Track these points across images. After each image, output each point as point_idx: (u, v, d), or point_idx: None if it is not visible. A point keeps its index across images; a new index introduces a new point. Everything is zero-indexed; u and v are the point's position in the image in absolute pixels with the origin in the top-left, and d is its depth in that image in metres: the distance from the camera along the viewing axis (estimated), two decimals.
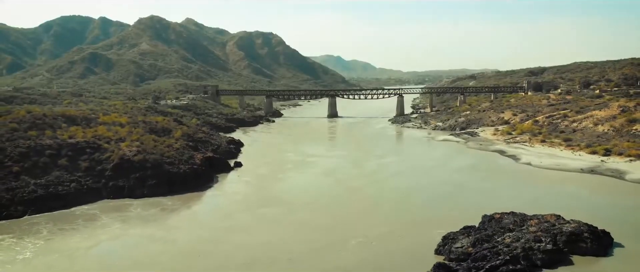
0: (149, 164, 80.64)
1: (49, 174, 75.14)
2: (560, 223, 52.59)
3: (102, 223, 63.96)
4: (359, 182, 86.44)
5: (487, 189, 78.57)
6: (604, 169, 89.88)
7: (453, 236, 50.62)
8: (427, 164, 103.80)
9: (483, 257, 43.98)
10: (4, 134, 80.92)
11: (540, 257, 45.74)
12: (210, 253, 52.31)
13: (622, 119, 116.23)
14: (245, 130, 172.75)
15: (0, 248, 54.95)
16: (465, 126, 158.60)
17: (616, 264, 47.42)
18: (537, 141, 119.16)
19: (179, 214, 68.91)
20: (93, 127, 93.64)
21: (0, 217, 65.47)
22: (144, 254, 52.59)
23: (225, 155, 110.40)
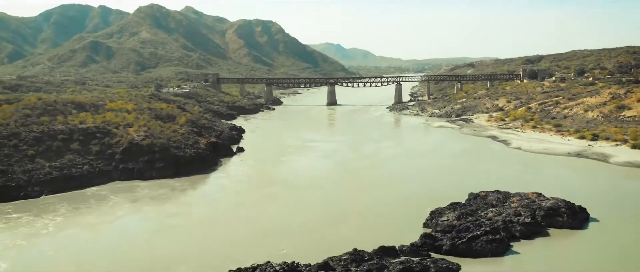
0: (156, 148, 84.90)
1: (62, 157, 79.40)
2: (540, 200, 57.03)
3: (115, 202, 68.42)
4: (357, 164, 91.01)
5: (477, 171, 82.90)
6: (590, 152, 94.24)
7: (440, 211, 55.10)
8: (422, 149, 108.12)
9: (466, 229, 48.40)
10: (17, 119, 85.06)
11: (519, 229, 50.21)
12: (225, 224, 57.28)
13: (612, 105, 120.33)
14: (246, 118, 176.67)
15: (22, 225, 59.23)
16: (460, 113, 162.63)
17: (589, 236, 51.89)
18: (528, 127, 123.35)
19: (189, 193, 73.58)
20: (101, 113, 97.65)
21: (18, 197, 69.70)
22: (163, 226, 57.45)
23: (228, 140, 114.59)
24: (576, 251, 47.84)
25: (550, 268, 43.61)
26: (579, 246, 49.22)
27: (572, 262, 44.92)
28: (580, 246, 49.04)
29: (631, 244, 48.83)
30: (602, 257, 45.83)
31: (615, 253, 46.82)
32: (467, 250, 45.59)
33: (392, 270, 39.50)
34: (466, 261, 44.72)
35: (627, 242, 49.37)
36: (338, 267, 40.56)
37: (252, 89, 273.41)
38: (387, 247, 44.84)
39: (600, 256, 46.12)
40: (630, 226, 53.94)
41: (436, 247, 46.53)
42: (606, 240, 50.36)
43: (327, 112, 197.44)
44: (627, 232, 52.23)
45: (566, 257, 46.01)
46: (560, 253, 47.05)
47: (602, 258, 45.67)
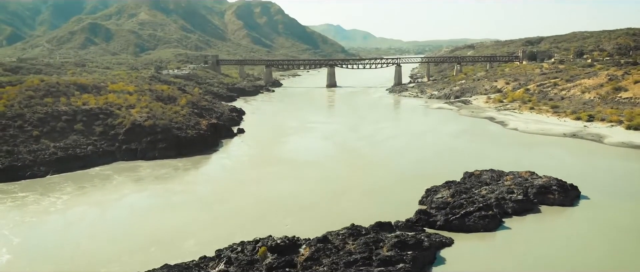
0: (158, 129, 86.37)
1: (66, 137, 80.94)
2: (533, 178, 58.73)
3: (120, 181, 70.21)
4: (356, 144, 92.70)
5: (473, 151, 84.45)
6: (585, 133, 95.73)
7: (435, 189, 56.83)
8: (420, 130, 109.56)
9: (460, 205, 50.16)
10: (21, 101, 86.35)
11: (511, 206, 51.97)
12: (228, 201, 59.31)
13: (609, 87, 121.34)
14: (246, 100, 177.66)
15: (29, 203, 60.88)
16: (459, 95, 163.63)
17: (579, 212, 53.68)
18: (526, 108, 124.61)
19: (192, 172, 75.44)
20: (103, 94, 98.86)
21: (24, 177, 71.36)
22: (169, 202, 59.48)
23: (229, 122, 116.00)
24: (565, 226, 49.57)
25: (540, 242, 45.37)
26: (569, 222, 50.97)
27: (561, 237, 46.65)
28: (570, 222, 50.78)
29: (619, 221, 50.42)
30: (590, 233, 47.55)
31: (603, 229, 48.50)
32: (460, 225, 47.40)
33: (387, 243, 41.30)
34: (459, 235, 46.55)
35: (615, 219, 50.99)
36: (336, 240, 42.34)
37: (252, 71, 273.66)
38: (383, 223, 46.57)
39: (588, 232, 47.84)
40: (619, 204, 55.53)
41: (430, 222, 48.33)
42: (595, 217, 52.03)
43: (326, 94, 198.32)
44: (616, 209, 53.85)
45: (556, 233, 47.75)
46: (550, 229, 48.85)
47: (591, 234, 47.38)
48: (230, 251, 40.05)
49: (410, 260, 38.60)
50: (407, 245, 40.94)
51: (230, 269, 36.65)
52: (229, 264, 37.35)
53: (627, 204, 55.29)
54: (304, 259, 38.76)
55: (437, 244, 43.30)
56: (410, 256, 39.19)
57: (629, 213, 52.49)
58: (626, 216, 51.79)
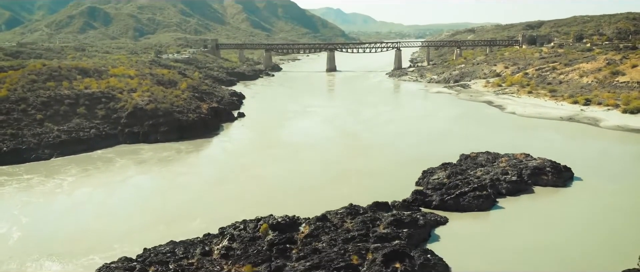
0: (160, 113, 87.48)
1: (69, 121, 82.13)
2: (527, 160, 60.08)
3: (124, 163, 71.61)
4: (355, 128, 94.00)
5: (471, 134, 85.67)
6: (581, 117, 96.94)
7: (431, 171, 58.24)
8: (419, 114, 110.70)
9: (455, 186, 51.58)
10: (25, 85, 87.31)
11: (505, 186, 53.41)
12: (231, 182, 60.91)
13: (607, 71, 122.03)
14: (246, 84, 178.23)
15: (35, 185, 62.23)
16: (458, 79, 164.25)
17: (571, 193, 55.17)
18: (524, 92, 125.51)
19: (194, 155, 76.93)
20: (105, 78, 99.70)
21: (29, 159, 72.67)
22: (175, 184, 61.11)
23: (229, 106, 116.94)
24: (558, 206, 51.03)
25: (532, 221, 46.88)
26: (561, 202, 52.40)
27: (553, 216, 48.15)
28: (562, 202, 52.21)
29: (610, 201, 51.88)
30: (581, 212, 49.01)
31: (594, 209, 49.99)
32: (455, 205, 48.88)
33: (384, 222, 42.80)
34: (454, 214, 48.05)
35: (606, 200, 52.47)
36: (335, 219, 43.83)
37: (251, 55, 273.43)
38: (380, 203, 48.02)
39: (580, 211, 49.30)
40: (611, 185, 56.92)
41: (426, 202, 49.81)
42: (587, 197, 53.54)
43: (326, 78, 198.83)
44: (607, 190, 55.27)
45: (548, 212, 49.26)
46: (542, 208, 50.34)
47: (582, 213, 48.85)
48: (233, 228, 41.54)
49: (405, 237, 40.11)
50: (402, 223, 42.44)
51: (234, 245, 38.17)
52: (232, 240, 38.86)
53: (619, 185, 56.69)
54: (303, 236, 40.27)
55: (431, 222, 44.82)
56: (405, 233, 40.71)
57: (620, 193, 53.90)
58: (617, 196, 53.22)
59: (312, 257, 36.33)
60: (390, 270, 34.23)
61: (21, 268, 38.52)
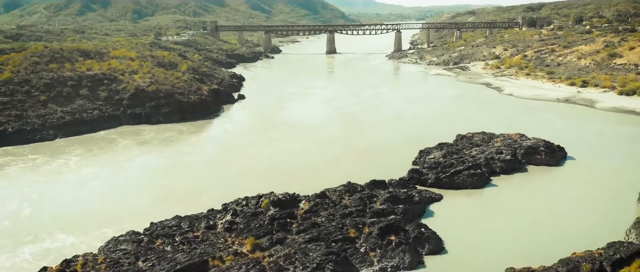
0: (162, 94, 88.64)
1: (73, 102, 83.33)
2: (522, 140, 61.57)
3: (128, 143, 73.12)
4: (355, 109, 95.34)
5: (468, 115, 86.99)
6: (578, 98, 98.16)
7: (428, 150, 59.75)
8: (418, 95, 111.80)
9: (450, 165, 53.12)
10: (27, 67, 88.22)
11: (500, 165, 54.97)
12: (234, 161, 62.57)
13: (604, 53, 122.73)
14: (245, 66, 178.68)
15: (41, 164, 63.64)
16: (458, 61, 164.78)
17: (563, 171, 56.79)
18: (522, 74, 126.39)
19: (197, 136, 78.42)
20: (106, 60, 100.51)
21: (34, 140, 74.08)
22: (179, 162, 62.79)
23: (229, 88, 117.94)
24: (550, 184, 52.64)
25: (524, 198, 48.55)
26: (553, 180, 54.02)
27: (544, 193, 49.77)
28: (554, 181, 53.85)
29: (601, 179, 53.43)
30: (572, 190, 50.60)
31: (585, 187, 51.54)
32: (449, 183, 50.50)
33: (380, 198, 44.43)
34: (448, 192, 49.68)
35: (597, 178, 54.04)
36: (333, 196, 45.46)
37: (251, 37, 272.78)
38: (377, 181, 49.60)
39: (571, 189, 50.90)
40: (603, 164, 58.46)
41: (422, 180, 51.43)
42: (579, 175, 55.14)
43: (326, 61, 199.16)
44: (599, 169, 56.84)
45: (540, 190, 50.86)
46: (534, 186, 51.96)
47: (573, 191, 50.44)
48: (235, 204, 43.20)
49: (400, 212, 41.79)
50: (398, 199, 44.08)
51: (237, 219, 39.83)
52: (235, 215, 40.51)
53: (610, 164, 58.21)
54: (303, 212, 41.92)
55: (426, 199, 46.49)
56: (401, 209, 42.38)
57: (611, 172, 55.41)
58: (608, 174, 54.76)
59: (311, 230, 38.01)
60: (385, 242, 35.94)
61: (36, 240, 40.19)
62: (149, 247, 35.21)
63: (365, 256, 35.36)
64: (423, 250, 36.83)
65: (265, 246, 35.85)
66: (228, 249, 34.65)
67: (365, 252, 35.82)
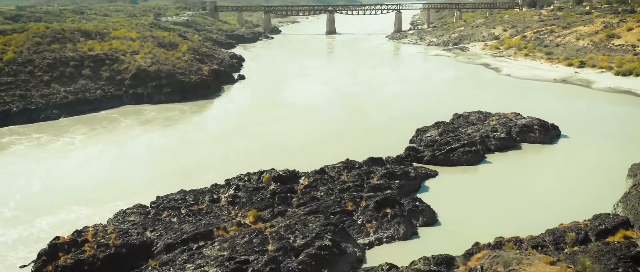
0: (163, 74, 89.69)
1: (75, 82, 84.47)
2: (517, 118, 62.98)
3: (131, 123, 74.52)
4: (354, 89, 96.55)
5: (466, 95, 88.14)
6: (575, 79, 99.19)
7: (425, 129, 61.18)
8: (417, 76, 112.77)
9: (446, 142, 54.63)
10: (30, 47, 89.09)
11: (494, 143, 56.47)
12: (236, 140, 64.01)
13: (603, 34, 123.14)
14: (245, 47, 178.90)
15: (46, 143, 65.06)
16: (457, 42, 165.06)
17: (556, 149, 58.34)
18: (521, 55, 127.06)
19: (199, 115, 79.92)
20: (107, 41, 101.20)
21: (38, 119, 75.41)
22: (184, 140, 64.27)
23: (229, 68, 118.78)
24: (543, 161, 54.25)
25: (517, 174, 50.18)
26: (546, 157, 55.60)
27: (537, 169, 51.40)
28: (547, 158, 55.43)
29: (593, 157, 54.88)
30: (564, 167, 52.20)
31: (577, 164, 53.07)
32: (445, 160, 52.06)
33: (377, 174, 46.03)
34: (443, 168, 51.28)
35: (589, 155, 55.48)
36: (332, 172, 47.05)
37: (250, 18, 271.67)
38: (375, 158, 51.07)
39: (563, 166, 52.49)
40: (596, 142, 59.83)
41: (418, 158, 52.98)
42: (572, 153, 56.60)
43: (326, 41, 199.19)
44: (591, 147, 58.23)
45: (532, 166, 52.47)
46: (527, 162, 53.57)
47: (565, 167, 52.04)
48: (238, 180, 44.83)
49: (397, 187, 43.43)
50: (395, 175, 45.69)
51: (239, 193, 41.49)
52: (237, 190, 42.16)
53: (603, 142, 59.61)
54: (303, 187, 43.56)
55: (422, 175, 48.10)
56: (397, 184, 44.02)
57: (603, 150, 56.83)
58: (600, 152, 56.19)
59: (310, 204, 39.69)
60: (381, 214, 37.65)
61: (51, 211, 41.85)
62: (156, 219, 36.92)
63: (362, 227, 37.10)
64: (417, 222, 38.55)
65: (266, 218, 37.55)
66: (232, 221, 36.37)
67: (362, 223, 37.54)
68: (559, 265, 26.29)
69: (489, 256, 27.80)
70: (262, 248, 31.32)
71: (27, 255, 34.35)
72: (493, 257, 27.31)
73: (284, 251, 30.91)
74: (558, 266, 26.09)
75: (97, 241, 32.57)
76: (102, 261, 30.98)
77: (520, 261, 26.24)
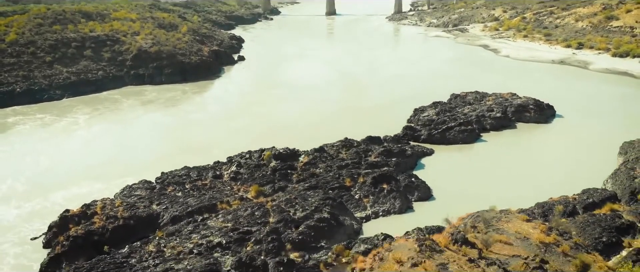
0: (164, 55, 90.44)
1: (77, 63, 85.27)
2: (513, 98, 64.07)
3: (131, 103, 75.51)
4: (353, 69, 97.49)
5: (464, 76, 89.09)
6: (572, 60, 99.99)
7: (422, 108, 62.34)
8: (416, 57, 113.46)
9: (443, 122, 55.85)
10: (32, 28, 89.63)
11: (490, 122, 57.71)
12: (238, 119, 65.32)
13: (602, 15, 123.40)
14: (244, 28, 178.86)
15: (50, 122, 66.13)
16: (457, 23, 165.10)
17: (550, 128, 59.62)
18: (520, 36, 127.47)
19: (200, 95, 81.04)
20: (108, 22, 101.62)
21: (42, 99, 76.40)
22: (187, 120, 65.62)
23: (229, 49, 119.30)
24: (537, 139, 55.59)
25: (511, 151, 51.54)
26: (540, 136, 56.91)
27: (530, 147, 52.77)
28: (541, 136, 56.74)
29: (586, 136, 56.14)
30: (557, 145, 53.52)
31: (570, 142, 54.31)
32: (441, 138, 53.37)
33: (375, 152, 47.37)
34: (440, 147, 52.63)
35: (582, 134, 56.75)
36: (331, 150, 48.35)
37: None
38: (373, 137, 52.31)
39: (556, 144, 53.79)
40: (590, 122, 61.14)
41: (415, 137, 54.27)
42: (565, 132, 57.87)
43: (326, 22, 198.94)
44: (585, 126, 59.52)
45: (527, 144, 53.88)
46: (522, 141, 54.95)
47: (557, 145, 53.35)
48: (239, 157, 46.18)
49: (393, 165, 44.82)
50: (392, 153, 47.03)
51: (241, 170, 42.90)
52: (239, 167, 43.55)
53: (597, 122, 60.91)
54: (303, 164, 44.94)
55: (418, 153, 49.45)
56: (394, 162, 45.39)
57: (597, 129, 58.18)
58: (593, 131, 57.52)
59: (310, 180, 41.12)
60: (378, 190, 39.11)
61: (63, 187, 43.26)
62: (161, 193, 38.38)
63: (359, 202, 38.59)
64: (412, 197, 40.04)
65: (268, 193, 39.00)
66: (234, 195, 37.83)
67: (360, 198, 39.03)
68: (534, 222, 28.00)
69: (471, 216, 29.61)
70: (264, 220, 32.82)
71: (42, 227, 35.83)
72: (475, 217, 29.10)
73: (284, 223, 32.39)
74: (533, 223, 27.79)
75: (106, 214, 34.06)
76: (111, 232, 32.50)
77: (499, 219, 27.98)
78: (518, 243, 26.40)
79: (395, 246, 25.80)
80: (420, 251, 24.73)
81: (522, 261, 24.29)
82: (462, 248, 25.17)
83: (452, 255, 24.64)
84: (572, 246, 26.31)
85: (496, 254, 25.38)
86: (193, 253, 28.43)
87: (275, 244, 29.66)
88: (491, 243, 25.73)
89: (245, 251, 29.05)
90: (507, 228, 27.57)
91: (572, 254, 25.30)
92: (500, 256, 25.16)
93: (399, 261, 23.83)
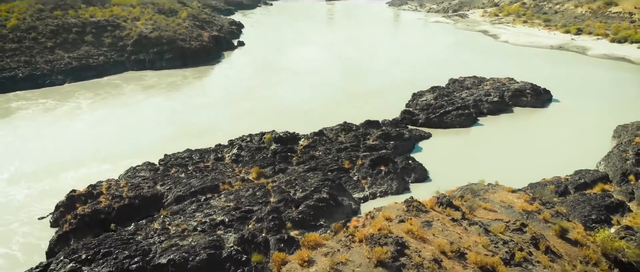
0: (164, 40, 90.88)
1: (79, 48, 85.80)
2: (510, 83, 64.83)
3: (132, 88, 76.22)
4: (354, 55, 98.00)
5: (463, 61, 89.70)
6: (571, 45, 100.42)
7: (421, 93, 63.13)
8: (416, 42, 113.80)
9: (440, 106, 56.70)
10: (33, 14, 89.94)
11: (487, 106, 58.58)
12: (240, 103, 66.26)
13: (601, 1, 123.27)
14: (244, 13, 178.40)
15: (52, 107, 66.90)
16: (457, 9, 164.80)
17: (546, 112, 60.49)
18: (519, 22, 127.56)
19: (201, 80, 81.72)
20: (108, 7, 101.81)
21: (44, 85, 77.11)
22: (189, 104, 66.46)
23: (229, 35, 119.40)
24: (533, 123, 56.48)
25: (507, 135, 52.51)
26: (536, 120, 57.77)
27: (526, 131, 53.69)
28: (537, 120, 57.60)
29: (581, 120, 57.14)
30: (553, 129, 54.44)
31: (566, 126, 55.30)
32: (438, 122, 54.30)
33: (373, 136, 48.32)
34: (437, 131, 53.60)
35: (578, 118, 57.70)
36: (330, 134, 49.30)
37: None
38: (371, 121, 53.22)
39: (551, 128, 54.72)
40: (586, 106, 62.04)
41: (413, 121, 55.20)
42: (561, 116, 58.79)
43: (326, 8, 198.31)
44: (581, 110, 60.45)
45: (523, 128, 54.79)
46: (518, 125, 55.88)
47: (553, 129, 54.28)
48: (240, 140, 47.13)
49: (391, 148, 45.81)
50: (390, 137, 47.99)
51: (242, 153, 43.88)
52: (240, 149, 44.53)
53: (593, 106, 61.84)
54: (302, 147, 45.93)
55: (416, 136, 50.42)
56: (392, 145, 46.38)
57: (592, 113, 59.16)
58: (589, 115, 58.52)
59: (309, 162, 42.14)
60: (376, 171, 40.15)
61: (72, 167, 44.30)
62: (165, 174, 39.43)
63: (358, 183, 39.65)
64: (409, 178, 41.09)
65: (268, 175, 40.04)
66: (236, 177, 38.87)
67: (358, 180, 40.08)
68: (518, 193, 29.31)
69: (461, 189, 30.95)
70: (265, 200, 33.89)
71: (52, 207, 36.86)
72: (464, 189, 30.43)
73: (285, 203, 33.46)
74: (518, 193, 29.12)
75: (111, 193, 35.12)
76: (117, 211, 33.60)
77: (486, 190, 29.29)
78: (501, 210, 27.93)
79: (386, 207, 27.66)
80: (407, 210, 26.74)
81: (503, 223, 25.78)
82: (446, 209, 26.87)
83: (436, 215, 26.60)
84: (554, 214, 27.64)
85: (479, 218, 26.83)
86: (197, 230, 29.52)
87: (276, 222, 30.74)
88: (475, 208, 27.41)
89: (247, 229, 30.15)
90: (493, 198, 29.16)
91: (553, 221, 26.70)
92: (482, 220, 26.66)
93: (388, 218, 25.82)
